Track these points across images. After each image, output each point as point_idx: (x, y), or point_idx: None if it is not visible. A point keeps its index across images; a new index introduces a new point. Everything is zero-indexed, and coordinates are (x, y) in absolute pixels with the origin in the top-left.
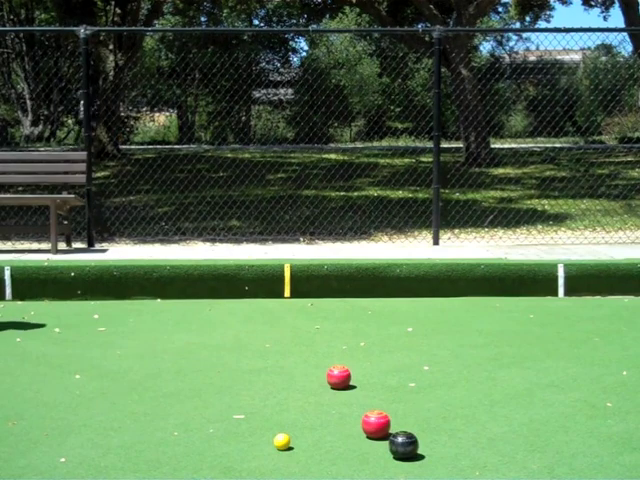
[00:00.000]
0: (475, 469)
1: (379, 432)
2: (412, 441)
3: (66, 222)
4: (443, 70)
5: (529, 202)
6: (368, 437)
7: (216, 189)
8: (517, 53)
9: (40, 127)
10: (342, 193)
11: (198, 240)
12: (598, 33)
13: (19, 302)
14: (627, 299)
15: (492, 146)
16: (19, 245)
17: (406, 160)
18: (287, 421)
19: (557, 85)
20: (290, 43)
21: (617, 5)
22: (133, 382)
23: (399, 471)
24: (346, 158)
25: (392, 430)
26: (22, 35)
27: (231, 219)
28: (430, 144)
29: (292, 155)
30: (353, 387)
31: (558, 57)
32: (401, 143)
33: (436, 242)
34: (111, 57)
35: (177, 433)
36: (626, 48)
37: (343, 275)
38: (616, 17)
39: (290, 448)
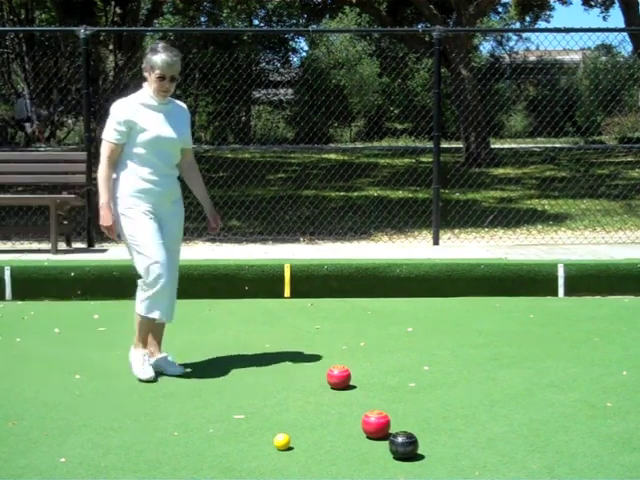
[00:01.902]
0: (475, 469)
1: (379, 432)
2: (412, 441)
3: (66, 222)
4: (443, 70)
5: (529, 202)
6: (368, 437)
7: (216, 189)
8: (517, 53)
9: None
10: (342, 193)
11: (198, 240)
12: (598, 33)
13: (19, 302)
14: (627, 299)
15: (492, 146)
16: (19, 245)
17: (406, 160)
18: (287, 421)
19: (557, 85)
20: (290, 43)
21: (617, 5)
22: (133, 382)
23: (399, 471)
24: (346, 158)
25: (392, 430)
26: (22, 35)
27: (231, 219)
28: (430, 144)
29: (292, 155)
30: (353, 387)
31: (558, 57)
32: (401, 143)
33: (436, 242)
34: (111, 57)
35: (177, 433)
36: (626, 48)
37: (343, 275)
38: (616, 17)
39: (290, 448)
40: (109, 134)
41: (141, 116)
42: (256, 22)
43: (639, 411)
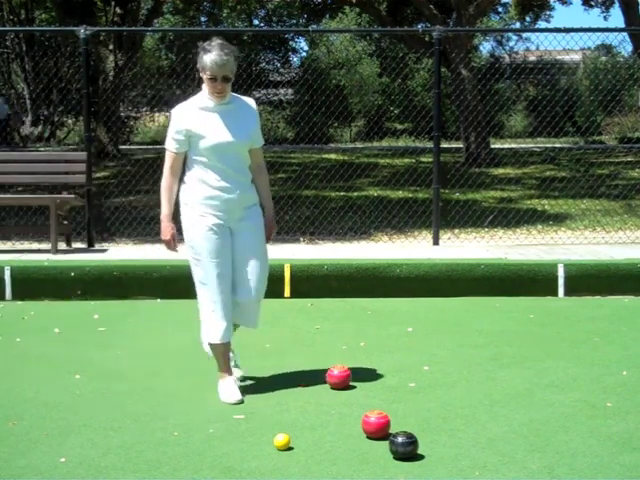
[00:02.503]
0: (475, 469)
1: (379, 432)
2: (412, 441)
3: (66, 222)
4: (443, 70)
5: (529, 202)
6: (368, 437)
7: None
8: (517, 53)
9: (40, 127)
10: (342, 193)
11: None
12: (598, 33)
13: (19, 302)
14: (627, 299)
15: (492, 146)
16: (19, 245)
17: (406, 160)
18: (287, 421)
19: (557, 85)
20: (290, 43)
21: (617, 5)
22: (133, 382)
23: (399, 471)
24: (346, 158)
25: (392, 430)
26: (22, 35)
27: None
28: (430, 144)
29: (292, 155)
30: (353, 387)
31: (558, 57)
32: (401, 143)
33: (436, 242)
34: (111, 57)
35: (177, 433)
36: (626, 48)
37: (343, 275)
38: (616, 17)
39: (290, 448)
40: (169, 143)
41: (198, 122)
42: (256, 22)
43: (639, 411)
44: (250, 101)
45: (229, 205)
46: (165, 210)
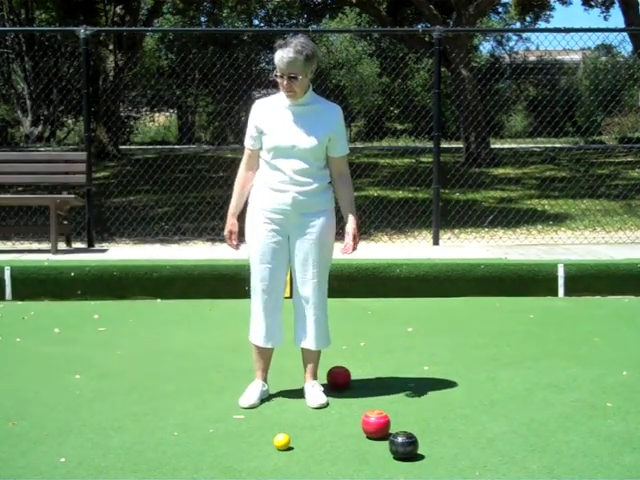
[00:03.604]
0: (475, 469)
1: (379, 432)
2: (412, 441)
3: (66, 222)
4: (443, 70)
5: (529, 202)
6: (368, 437)
7: (216, 189)
8: (517, 53)
9: (40, 127)
10: None
11: (198, 240)
12: (598, 33)
13: (19, 302)
14: (627, 299)
15: (492, 146)
16: (19, 245)
17: (406, 160)
18: (287, 421)
19: (557, 85)
20: None
21: (617, 5)
22: (133, 382)
23: (399, 471)
24: None
25: (392, 430)
26: (22, 35)
27: None
28: (430, 144)
29: None
30: (353, 387)
31: (558, 57)
32: (401, 143)
33: (436, 242)
34: (111, 57)
35: (177, 433)
36: (626, 48)
37: (343, 275)
38: (616, 17)
39: (290, 448)
40: (245, 138)
41: (268, 119)
42: (256, 22)
43: (639, 411)
44: (334, 107)
45: (283, 209)
46: (231, 204)
